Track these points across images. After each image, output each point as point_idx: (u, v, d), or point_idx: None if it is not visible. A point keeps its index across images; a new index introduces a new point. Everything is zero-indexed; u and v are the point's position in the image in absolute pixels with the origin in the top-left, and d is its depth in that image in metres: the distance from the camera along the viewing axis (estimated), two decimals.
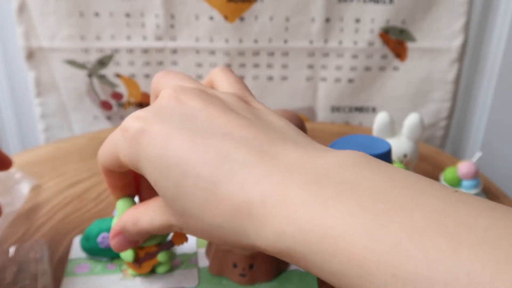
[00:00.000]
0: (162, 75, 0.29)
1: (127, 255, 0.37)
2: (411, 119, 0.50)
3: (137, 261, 0.38)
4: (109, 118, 0.76)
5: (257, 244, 0.21)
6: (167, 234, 0.38)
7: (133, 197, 0.34)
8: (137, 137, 0.24)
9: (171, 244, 0.37)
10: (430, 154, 0.63)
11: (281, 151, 0.22)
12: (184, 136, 0.23)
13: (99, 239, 0.40)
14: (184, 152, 0.23)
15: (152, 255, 0.37)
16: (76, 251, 0.42)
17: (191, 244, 0.43)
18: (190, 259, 0.41)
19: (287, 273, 0.40)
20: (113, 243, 0.31)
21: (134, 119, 0.25)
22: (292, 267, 0.41)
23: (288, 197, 0.20)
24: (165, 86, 0.28)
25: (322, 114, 0.76)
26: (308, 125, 0.75)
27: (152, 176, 0.24)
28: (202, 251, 0.42)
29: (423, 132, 0.50)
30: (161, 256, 0.37)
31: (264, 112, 0.26)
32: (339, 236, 0.18)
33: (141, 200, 0.34)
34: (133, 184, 0.33)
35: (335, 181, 0.20)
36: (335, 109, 0.75)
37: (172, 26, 0.69)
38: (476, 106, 0.78)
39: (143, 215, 0.28)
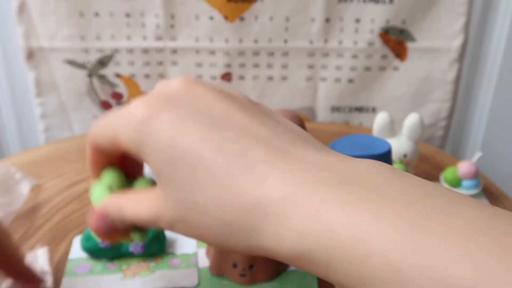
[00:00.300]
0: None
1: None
2: (411, 119, 0.50)
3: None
4: None
5: (269, 246, 0.19)
6: None
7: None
8: (146, 123, 0.23)
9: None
10: (430, 154, 0.63)
11: (303, 152, 0.21)
12: (198, 126, 0.22)
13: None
14: (197, 143, 0.21)
15: (125, 232, 0.33)
16: (76, 251, 0.42)
17: (191, 244, 0.43)
18: (190, 259, 0.41)
19: (287, 273, 0.40)
20: (92, 225, 0.27)
21: (143, 104, 0.23)
22: (292, 267, 0.41)
23: (314, 194, 0.18)
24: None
25: (322, 114, 0.76)
26: (308, 125, 0.75)
27: (157, 164, 0.22)
28: (202, 251, 0.42)
29: (423, 132, 0.50)
30: (135, 236, 0.33)
31: (278, 115, 0.25)
32: (372, 238, 0.16)
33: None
34: (118, 161, 0.30)
35: (364, 184, 0.18)
36: (335, 109, 0.75)
37: (172, 26, 0.69)
38: (476, 106, 0.78)
39: (128, 204, 0.25)
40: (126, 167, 0.30)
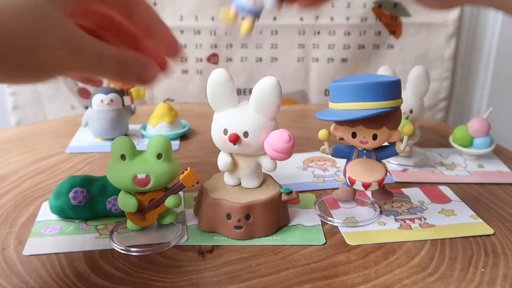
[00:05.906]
0: None
1: (129, 204, 0.32)
2: (415, 72, 0.46)
3: (141, 211, 0.33)
4: (87, 107, 0.71)
5: None
6: (174, 178, 0.32)
7: None
8: None
9: (181, 186, 0.32)
10: (435, 126, 0.59)
11: None
12: None
13: (71, 194, 0.35)
14: None
15: (158, 202, 0.32)
16: (45, 214, 0.37)
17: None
18: (177, 217, 0.35)
19: (288, 228, 0.35)
20: None
21: None
22: (294, 222, 0.36)
23: None
24: None
25: (315, 98, 0.71)
26: (302, 106, 0.71)
27: None
28: (190, 211, 0.37)
29: (428, 85, 0.46)
30: (169, 201, 0.32)
31: None
32: None
33: None
34: None
35: None
36: (329, 92, 0.71)
37: (154, 4, 0.65)
38: (476, 84, 0.74)
39: None
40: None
